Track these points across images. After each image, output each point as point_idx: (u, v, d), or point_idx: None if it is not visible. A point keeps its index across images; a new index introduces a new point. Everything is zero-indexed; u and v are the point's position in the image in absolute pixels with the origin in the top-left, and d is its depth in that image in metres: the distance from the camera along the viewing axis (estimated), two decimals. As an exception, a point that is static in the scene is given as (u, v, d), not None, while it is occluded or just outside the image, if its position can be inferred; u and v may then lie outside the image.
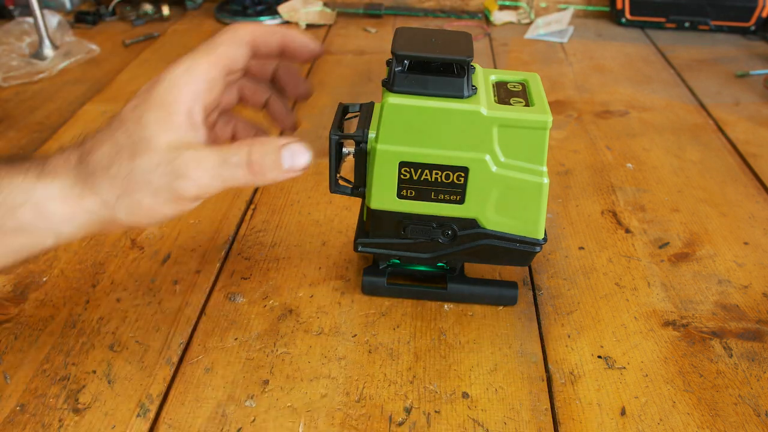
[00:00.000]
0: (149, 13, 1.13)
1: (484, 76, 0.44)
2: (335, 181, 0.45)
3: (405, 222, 0.44)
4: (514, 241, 0.44)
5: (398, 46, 0.40)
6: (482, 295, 0.49)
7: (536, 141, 0.41)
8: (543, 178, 0.42)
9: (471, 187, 0.42)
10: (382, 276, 0.49)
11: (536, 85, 0.44)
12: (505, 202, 0.43)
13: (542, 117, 0.40)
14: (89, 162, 0.35)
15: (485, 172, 0.42)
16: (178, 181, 0.34)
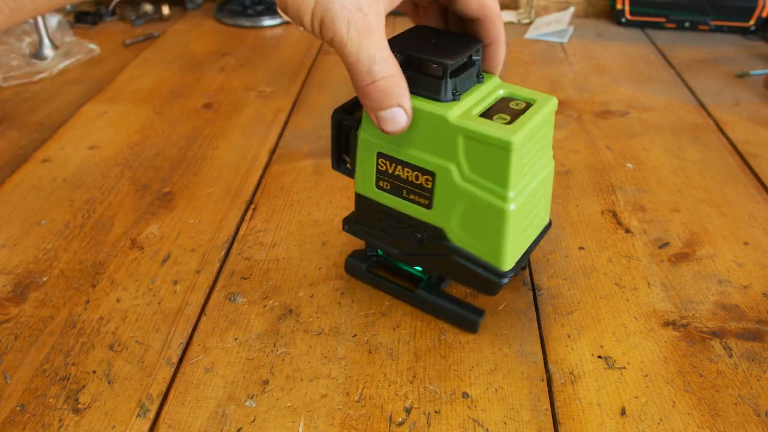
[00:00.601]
0: (149, 13, 1.13)
1: (493, 88, 0.42)
2: (336, 160, 0.46)
3: (381, 214, 0.45)
4: (478, 265, 0.42)
5: (394, 41, 0.40)
6: (445, 311, 0.47)
7: (500, 161, 0.38)
8: (507, 204, 0.39)
9: (438, 193, 0.42)
10: (365, 262, 0.50)
11: (541, 107, 0.41)
12: (469, 219, 0.41)
13: (506, 136, 0.37)
14: None
15: (450, 182, 0.41)
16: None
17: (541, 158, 0.42)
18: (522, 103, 0.41)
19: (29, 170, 0.66)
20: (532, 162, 0.40)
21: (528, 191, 0.41)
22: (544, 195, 0.44)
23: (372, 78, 0.36)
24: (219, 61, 0.97)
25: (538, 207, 0.43)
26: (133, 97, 0.84)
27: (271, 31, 1.10)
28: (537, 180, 0.42)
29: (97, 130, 0.75)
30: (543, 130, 0.41)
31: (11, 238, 0.55)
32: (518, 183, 0.39)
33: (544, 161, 0.43)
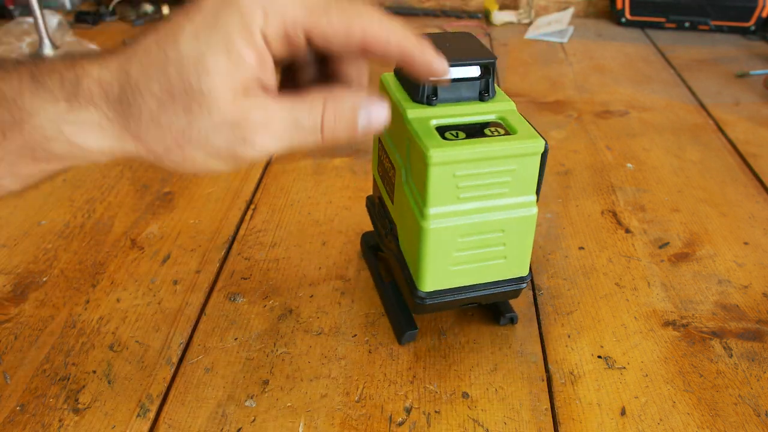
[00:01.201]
0: (149, 13, 1.13)
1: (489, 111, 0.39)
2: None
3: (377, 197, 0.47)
4: (407, 277, 0.41)
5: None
6: (390, 312, 0.47)
7: (423, 172, 0.36)
8: (426, 222, 0.37)
9: (396, 190, 0.41)
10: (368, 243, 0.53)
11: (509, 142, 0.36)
12: (406, 227, 0.40)
13: (428, 147, 0.35)
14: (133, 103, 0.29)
15: (399, 182, 0.40)
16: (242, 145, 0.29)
17: (500, 194, 0.38)
18: (501, 131, 0.37)
19: (29, 170, 0.66)
20: (475, 191, 0.37)
21: (468, 221, 0.38)
22: (510, 240, 0.40)
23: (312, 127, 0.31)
24: (219, 61, 0.96)
25: (494, 248, 0.40)
26: (133, 97, 0.83)
27: (271, 31, 1.10)
28: (492, 216, 0.38)
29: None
30: (504, 164, 0.37)
31: (11, 238, 0.55)
32: (446, 203, 0.37)
33: (510, 201, 0.38)
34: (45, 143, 0.30)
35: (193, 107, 0.29)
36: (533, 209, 0.39)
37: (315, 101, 0.31)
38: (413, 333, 0.45)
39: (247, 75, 0.29)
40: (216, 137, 0.29)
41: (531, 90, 0.88)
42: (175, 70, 0.28)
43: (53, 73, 0.30)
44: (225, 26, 0.28)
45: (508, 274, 0.41)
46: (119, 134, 0.30)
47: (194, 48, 0.28)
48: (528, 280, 0.42)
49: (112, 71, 0.29)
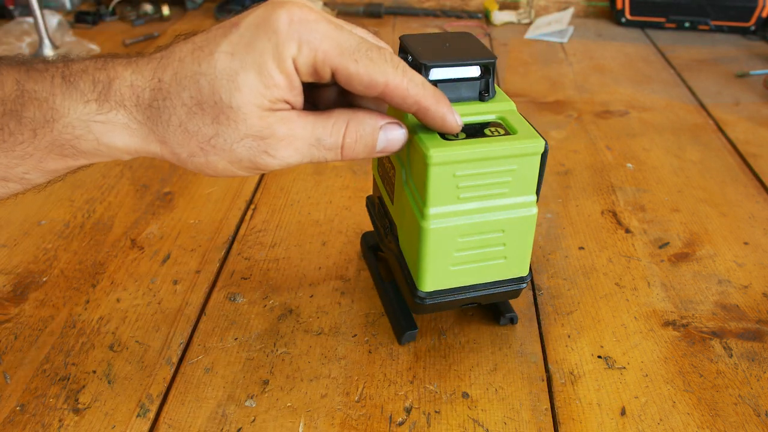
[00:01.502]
0: (149, 13, 1.13)
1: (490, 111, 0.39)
2: None
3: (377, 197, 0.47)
4: (407, 277, 0.41)
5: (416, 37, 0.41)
6: (390, 312, 0.47)
7: (423, 173, 0.36)
8: (426, 222, 0.37)
9: (396, 190, 0.41)
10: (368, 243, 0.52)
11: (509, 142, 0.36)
12: (406, 227, 0.40)
13: (427, 148, 0.35)
14: (163, 108, 0.30)
15: (399, 182, 0.40)
16: (264, 156, 0.31)
17: (500, 194, 0.38)
18: (500, 131, 0.37)
19: (29, 170, 0.66)
20: (475, 191, 0.37)
21: (468, 221, 0.38)
22: (510, 240, 0.39)
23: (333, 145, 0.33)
24: (219, 61, 0.96)
25: (494, 248, 0.40)
26: (133, 97, 0.83)
27: (271, 31, 1.10)
28: (492, 216, 0.38)
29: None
30: (504, 164, 0.37)
31: (11, 238, 0.55)
32: (446, 203, 0.37)
33: (510, 202, 0.38)
34: (74, 141, 0.31)
35: (221, 119, 0.30)
36: (533, 209, 0.39)
37: (338, 121, 0.32)
38: (413, 333, 0.45)
39: (276, 96, 0.30)
40: (240, 148, 0.31)
41: (531, 90, 0.88)
42: (208, 83, 0.30)
43: (85, 74, 0.31)
44: (260, 49, 0.30)
45: (508, 274, 0.41)
46: (146, 136, 0.31)
47: (228, 65, 0.30)
48: (528, 280, 0.42)
49: (145, 77, 0.30)
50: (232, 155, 0.31)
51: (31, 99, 0.30)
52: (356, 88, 0.31)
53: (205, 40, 0.31)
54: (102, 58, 0.32)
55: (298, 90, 0.31)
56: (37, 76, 0.31)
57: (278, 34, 0.30)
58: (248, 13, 0.31)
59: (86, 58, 0.32)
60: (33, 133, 0.30)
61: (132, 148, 0.32)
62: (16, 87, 0.30)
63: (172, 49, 0.31)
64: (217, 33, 0.31)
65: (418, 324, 0.46)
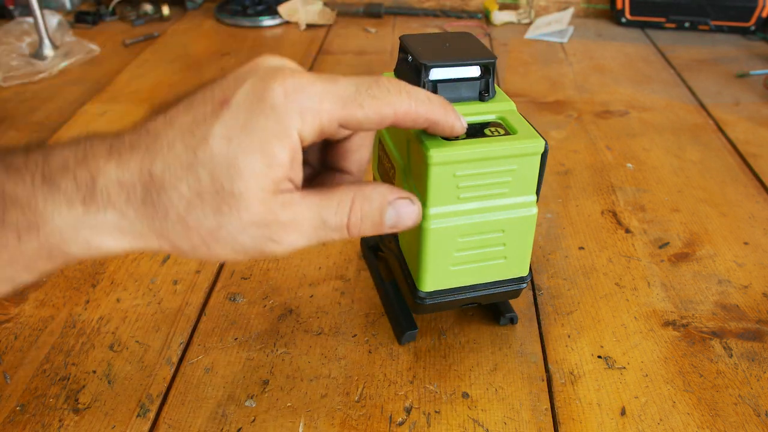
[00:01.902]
0: (149, 13, 1.13)
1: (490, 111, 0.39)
2: None
3: None
4: (407, 277, 0.41)
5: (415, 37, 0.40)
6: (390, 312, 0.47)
7: (425, 173, 0.36)
8: (426, 222, 0.37)
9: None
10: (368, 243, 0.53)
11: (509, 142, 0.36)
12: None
13: (428, 148, 0.35)
14: (159, 203, 0.28)
15: (399, 182, 0.40)
16: (269, 243, 0.29)
17: (500, 194, 0.38)
18: (500, 131, 0.37)
19: (29, 170, 0.66)
20: (476, 191, 0.37)
21: (468, 221, 0.38)
22: (510, 240, 0.39)
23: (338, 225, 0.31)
24: (219, 61, 0.97)
25: (494, 248, 0.40)
26: (133, 97, 0.84)
27: (271, 31, 1.10)
28: (492, 216, 0.38)
29: (97, 130, 0.75)
30: (504, 164, 0.37)
31: (11, 238, 0.55)
32: (446, 203, 0.37)
33: (510, 201, 0.38)
34: (62, 245, 0.29)
35: (223, 209, 0.28)
36: (533, 209, 0.39)
37: (343, 200, 0.31)
38: (413, 333, 0.45)
39: (279, 175, 0.29)
40: (244, 237, 0.29)
41: (531, 90, 0.88)
42: (206, 172, 0.28)
43: (65, 172, 0.28)
44: (260, 129, 0.28)
45: (508, 274, 0.41)
46: (141, 233, 0.29)
47: (227, 150, 0.28)
48: (528, 280, 0.42)
49: (132, 171, 0.28)
50: (236, 245, 0.29)
51: (12, 202, 0.28)
52: (367, 127, 0.31)
53: (194, 123, 0.29)
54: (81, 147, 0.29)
55: (299, 161, 0.30)
56: (16, 176, 0.28)
57: (277, 110, 0.28)
58: (234, 85, 0.29)
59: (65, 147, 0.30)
60: (17, 238, 0.28)
61: (127, 247, 0.30)
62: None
63: (154, 132, 0.29)
64: (206, 112, 0.29)
65: (418, 324, 0.46)
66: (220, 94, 0.29)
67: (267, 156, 0.28)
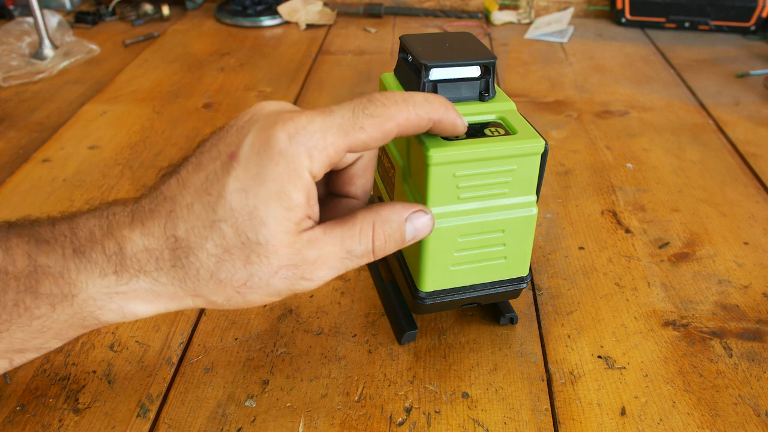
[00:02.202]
0: (149, 13, 1.13)
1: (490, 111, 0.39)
2: None
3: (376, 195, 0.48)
4: (407, 277, 0.41)
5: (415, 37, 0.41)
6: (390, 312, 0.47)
7: (424, 173, 0.35)
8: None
9: (396, 190, 0.41)
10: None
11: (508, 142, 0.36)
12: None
13: (427, 148, 0.35)
14: (189, 265, 0.29)
15: (399, 182, 0.40)
16: (301, 282, 0.30)
17: (500, 194, 0.38)
18: (500, 131, 0.37)
19: (29, 170, 0.66)
20: (476, 191, 0.37)
21: (468, 221, 0.38)
22: (510, 240, 0.40)
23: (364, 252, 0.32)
24: (219, 61, 0.97)
25: (494, 248, 0.40)
26: (133, 97, 0.84)
27: (271, 31, 1.10)
28: (492, 216, 0.38)
29: (97, 130, 0.75)
30: (504, 165, 0.37)
31: (11, 238, 0.55)
32: (446, 203, 0.37)
33: (510, 202, 0.38)
34: (96, 313, 0.30)
35: (252, 258, 0.29)
36: (533, 209, 0.39)
37: (364, 228, 0.31)
38: (413, 333, 0.45)
39: (299, 216, 0.29)
40: (276, 281, 0.30)
41: (531, 90, 0.88)
42: (229, 227, 0.28)
43: (94, 244, 0.29)
44: (273, 177, 0.28)
45: (508, 274, 0.41)
46: (175, 294, 0.30)
47: (245, 202, 0.28)
48: (528, 280, 0.42)
49: (157, 238, 0.29)
50: (269, 289, 0.30)
51: (45, 274, 0.29)
52: (374, 146, 0.31)
53: (208, 181, 0.29)
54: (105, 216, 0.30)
55: (314, 199, 0.30)
56: (47, 248, 0.30)
57: (285, 155, 0.28)
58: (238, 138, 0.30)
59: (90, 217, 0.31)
60: (51, 308, 0.29)
61: (161, 309, 0.31)
62: (28, 262, 0.29)
63: (171, 197, 0.30)
64: (216, 169, 0.29)
65: (418, 324, 0.46)
66: (227, 149, 0.30)
67: (285, 200, 0.29)
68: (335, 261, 0.31)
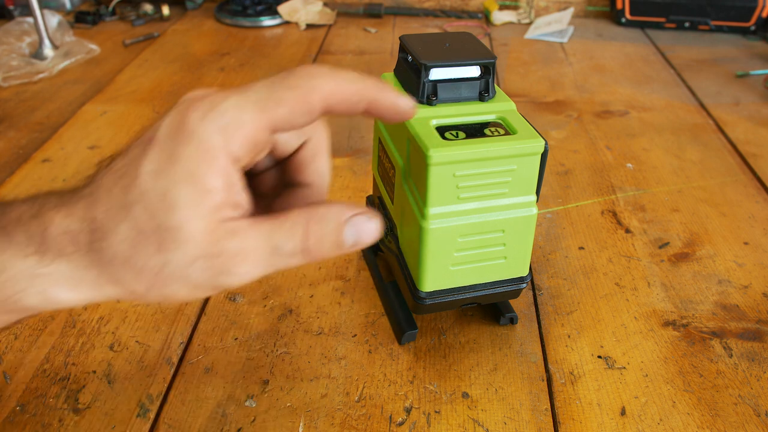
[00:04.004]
0: (149, 13, 1.13)
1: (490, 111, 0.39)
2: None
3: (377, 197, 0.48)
4: (407, 277, 0.41)
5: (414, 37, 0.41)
6: (390, 312, 0.47)
7: (423, 173, 0.36)
8: (426, 222, 0.37)
9: (396, 190, 0.41)
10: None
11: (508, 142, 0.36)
12: (406, 227, 0.40)
13: (428, 148, 0.34)
14: (105, 248, 0.28)
15: (399, 182, 0.40)
16: (222, 276, 0.28)
17: (500, 194, 0.38)
18: (500, 131, 0.37)
19: (29, 170, 0.66)
20: (475, 191, 0.37)
21: (468, 221, 0.38)
22: (510, 240, 0.40)
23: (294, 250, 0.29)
24: (219, 61, 0.97)
25: (494, 248, 0.40)
26: (133, 97, 0.84)
27: (271, 31, 1.10)
28: (492, 216, 0.38)
29: (97, 130, 0.75)
30: (504, 165, 0.37)
31: (11, 238, 0.55)
32: (446, 203, 0.37)
33: (510, 201, 0.38)
34: (17, 296, 0.29)
35: (166, 244, 0.27)
36: (533, 209, 0.39)
37: (295, 225, 0.29)
38: (413, 333, 0.45)
39: (216, 201, 0.28)
40: (194, 271, 0.28)
41: (531, 90, 0.88)
42: (142, 210, 0.27)
43: (19, 225, 0.29)
44: (185, 157, 0.27)
45: (508, 274, 0.41)
46: (96, 281, 0.29)
47: (157, 185, 0.27)
48: (528, 280, 0.42)
49: (77, 219, 0.28)
50: (189, 281, 0.28)
51: None
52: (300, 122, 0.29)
53: (127, 165, 0.28)
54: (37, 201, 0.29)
55: (238, 187, 0.28)
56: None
57: (196, 134, 0.27)
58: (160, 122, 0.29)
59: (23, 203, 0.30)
60: None
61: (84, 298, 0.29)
62: None
63: (98, 182, 0.29)
64: (136, 153, 0.28)
65: (418, 324, 0.46)
66: (148, 134, 0.29)
67: (197, 183, 0.27)
68: (260, 256, 0.29)
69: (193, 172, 0.27)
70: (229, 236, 0.28)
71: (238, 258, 0.28)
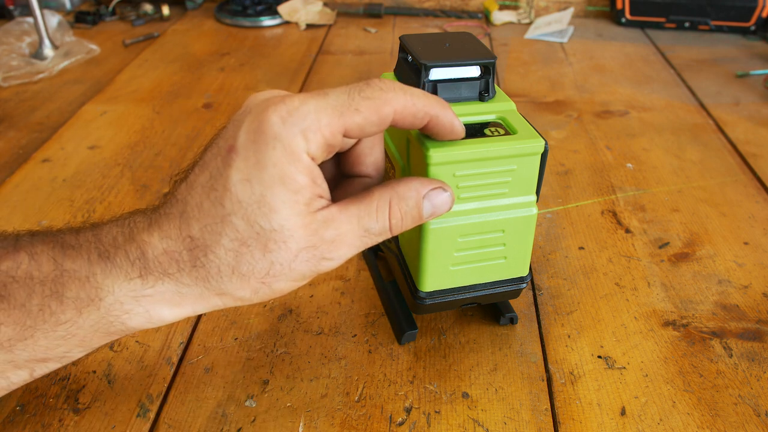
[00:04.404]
0: (149, 13, 1.13)
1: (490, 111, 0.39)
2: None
3: None
4: (407, 277, 0.41)
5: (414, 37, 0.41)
6: (389, 312, 0.47)
7: (423, 173, 0.36)
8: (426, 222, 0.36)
9: None
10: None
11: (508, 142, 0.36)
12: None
13: (427, 148, 0.34)
14: (208, 263, 0.29)
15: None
16: (323, 262, 0.30)
17: (500, 194, 0.38)
18: (500, 131, 0.37)
19: (29, 170, 0.66)
20: (475, 191, 0.37)
21: (468, 221, 0.38)
22: (510, 240, 0.39)
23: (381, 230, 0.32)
24: (219, 61, 0.97)
25: (494, 248, 0.40)
26: (133, 97, 0.84)
27: (271, 31, 1.10)
28: (492, 216, 0.38)
29: (97, 130, 0.75)
30: (504, 164, 0.37)
31: (11, 238, 0.55)
32: None
33: (510, 201, 0.38)
34: (123, 317, 0.30)
35: (270, 246, 0.29)
36: (533, 209, 0.39)
37: (381, 205, 0.31)
38: (413, 333, 0.45)
39: (307, 196, 0.29)
40: (299, 264, 0.30)
41: (531, 90, 0.88)
42: (240, 219, 0.28)
43: (118, 249, 0.30)
44: (272, 161, 0.28)
45: (508, 274, 0.41)
46: (201, 295, 0.30)
47: (251, 192, 0.28)
48: (528, 280, 0.42)
49: (174, 239, 0.29)
50: (293, 274, 0.30)
51: (71, 278, 0.29)
52: (371, 131, 0.31)
53: (211, 178, 0.29)
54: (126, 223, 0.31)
55: (321, 180, 0.30)
56: (72, 254, 0.30)
57: (280, 138, 0.28)
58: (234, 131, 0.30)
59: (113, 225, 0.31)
60: (77, 312, 0.30)
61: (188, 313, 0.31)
62: (54, 267, 0.29)
63: (182, 198, 0.30)
64: (218, 164, 0.29)
65: (418, 324, 0.46)
66: (225, 144, 0.30)
67: (289, 183, 0.28)
68: (353, 239, 0.31)
69: (284, 174, 0.28)
70: (325, 225, 0.30)
71: (335, 244, 0.30)
